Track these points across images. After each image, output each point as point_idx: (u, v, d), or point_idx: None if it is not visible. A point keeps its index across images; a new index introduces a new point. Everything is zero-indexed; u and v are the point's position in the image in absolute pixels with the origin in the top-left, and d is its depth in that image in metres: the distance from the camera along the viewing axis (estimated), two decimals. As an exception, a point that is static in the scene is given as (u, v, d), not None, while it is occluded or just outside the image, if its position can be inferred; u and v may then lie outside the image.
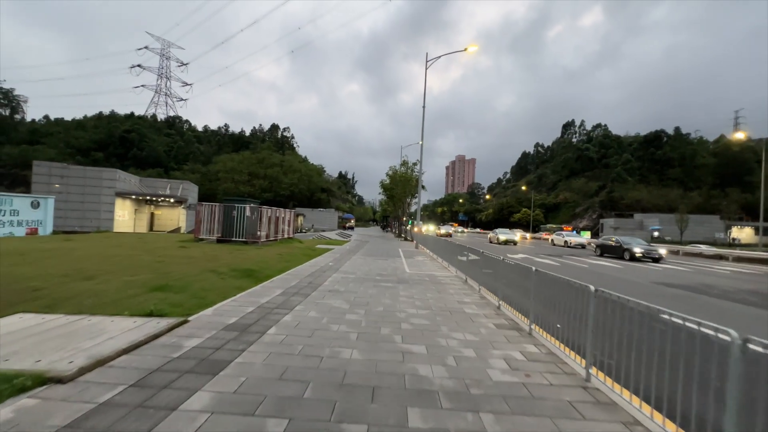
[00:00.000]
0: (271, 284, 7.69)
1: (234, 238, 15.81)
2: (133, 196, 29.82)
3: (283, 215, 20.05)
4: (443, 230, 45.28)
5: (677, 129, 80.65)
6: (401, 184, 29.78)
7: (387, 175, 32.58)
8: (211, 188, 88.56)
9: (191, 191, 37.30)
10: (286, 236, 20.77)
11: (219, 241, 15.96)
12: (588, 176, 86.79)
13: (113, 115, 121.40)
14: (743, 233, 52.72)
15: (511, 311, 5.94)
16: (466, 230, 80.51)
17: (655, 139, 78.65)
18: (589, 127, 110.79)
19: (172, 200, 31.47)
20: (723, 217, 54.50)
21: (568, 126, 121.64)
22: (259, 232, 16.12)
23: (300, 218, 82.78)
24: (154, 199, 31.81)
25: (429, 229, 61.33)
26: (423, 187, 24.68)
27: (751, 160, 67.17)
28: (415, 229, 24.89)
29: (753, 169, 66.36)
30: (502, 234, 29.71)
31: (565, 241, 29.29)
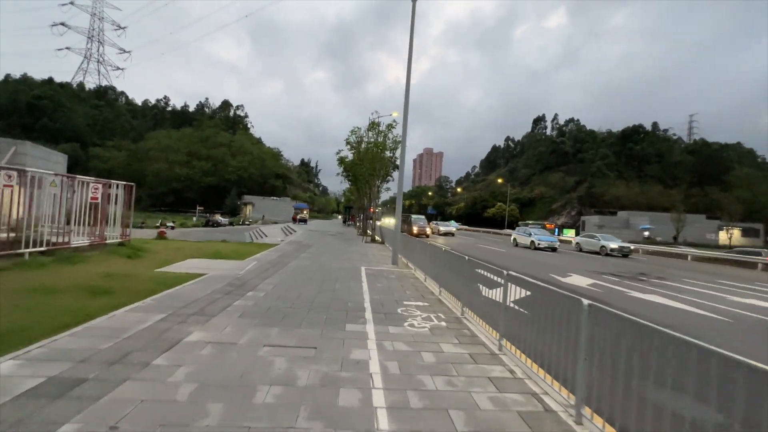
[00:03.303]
0: None
1: None
2: None
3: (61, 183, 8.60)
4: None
5: (655, 124, 78.48)
6: (369, 158, 19.86)
7: (347, 143, 22.22)
8: (138, 169, 73.53)
9: (42, 159, 25.11)
10: (81, 243, 9.44)
11: None
12: (564, 171, 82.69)
13: (26, 80, 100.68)
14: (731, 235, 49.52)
15: None
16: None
17: (633, 133, 75.69)
18: (561, 121, 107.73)
19: None
20: (712, 217, 51.05)
21: (538, 121, 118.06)
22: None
23: (248, 207, 70.88)
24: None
25: (439, 230, 36.37)
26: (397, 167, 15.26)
27: (728, 159, 65.62)
28: (415, 229, 15.77)
29: (730, 168, 64.84)
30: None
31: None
